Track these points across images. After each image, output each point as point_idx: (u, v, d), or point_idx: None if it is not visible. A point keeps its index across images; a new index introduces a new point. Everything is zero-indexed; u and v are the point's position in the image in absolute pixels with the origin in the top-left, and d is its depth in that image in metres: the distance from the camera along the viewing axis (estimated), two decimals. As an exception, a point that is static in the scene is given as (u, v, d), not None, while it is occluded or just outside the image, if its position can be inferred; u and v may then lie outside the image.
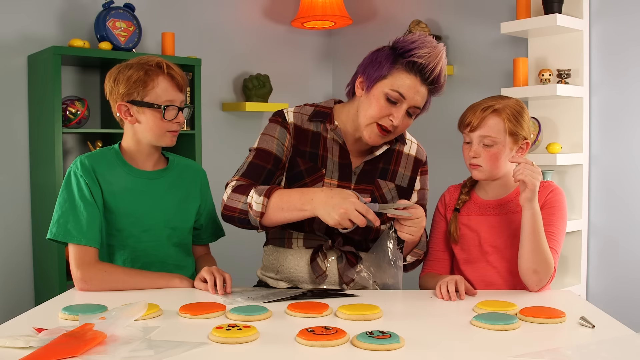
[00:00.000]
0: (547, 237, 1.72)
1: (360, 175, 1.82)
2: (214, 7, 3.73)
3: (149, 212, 1.81)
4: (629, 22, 2.73)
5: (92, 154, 1.82)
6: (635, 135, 2.74)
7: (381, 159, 1.85)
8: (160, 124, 1.78)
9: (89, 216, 1.72)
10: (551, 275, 1.69)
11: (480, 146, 1.76)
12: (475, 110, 1.78)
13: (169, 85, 1.78)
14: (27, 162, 3.12)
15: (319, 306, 1.46)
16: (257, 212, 1.64)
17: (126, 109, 1.78)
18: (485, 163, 1.77)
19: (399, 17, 3.71)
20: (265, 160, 1.77)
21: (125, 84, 1.76)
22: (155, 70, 1.77)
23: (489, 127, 1.75)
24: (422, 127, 3.54)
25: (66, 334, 1.20)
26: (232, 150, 3.69)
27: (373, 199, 1.81)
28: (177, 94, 1.80)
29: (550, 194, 1.79)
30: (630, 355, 1.18)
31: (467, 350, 1.21)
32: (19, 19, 3.06)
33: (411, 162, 1.89)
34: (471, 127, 1.76)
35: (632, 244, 2.75)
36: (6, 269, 3.04)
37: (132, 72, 1.76)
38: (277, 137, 1.80)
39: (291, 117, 1.83)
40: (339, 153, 1.81)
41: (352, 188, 1.80)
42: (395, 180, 1.85)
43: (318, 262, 1.78)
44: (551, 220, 1.76)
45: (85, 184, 1.74)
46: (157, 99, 1.76)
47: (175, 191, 1.87)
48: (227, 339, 1.22)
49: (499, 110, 1.75)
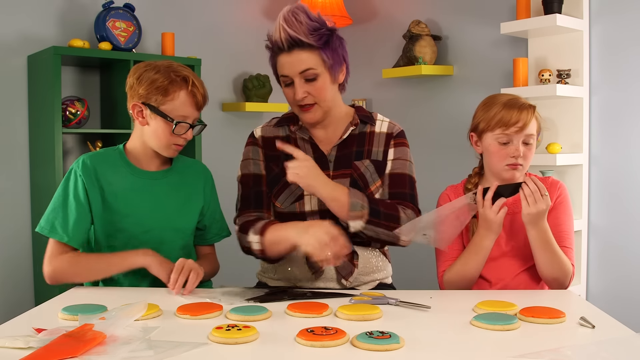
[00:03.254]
0: (561, 237, 1.74)
1: (336, 161, 1.84)
2: (214, 7, 3.74)
3: (150, 213, 1.80)
4: (629, 22, 2.73)
5: (95, 154, 1.83)
6: (635, 135, 2.74)
7: (354, 142, 1.86)
8: (167, 136, 1.77)
9: (77, 216, 1.73)
10: (571, 275, 1.72)
11: (523, 145, 1.74)
12: (517, 108, 1.72)
13: (187, 101, 1.76)
14: (27, 162, 3.12)
15: (319, 306, 1.46)
16: (257, 250, 1.75)
17: (140, 109, 1.77)
18: (525, 162, 1.75)
19: (399, 17, 3.71)
20: (248, 185, 1.88)
21: (147, 86, 1.74)
22: (179, 82, 1.74)
23: (532, 125, 1.73)
24: (422, 127, 3.55)
25: (66, 335, 1.20)
26: (232, 150, 3.67)
27: (352, 180, 1.82)
28: (193, 111, 1.79)
29: (559, 192, 1.80)
30: (630, 355, 1.18)
31: (467, 350, 1.21)
32: (19, 19, 3.06)
33: (383, 138, 1.88)
34: (519, 127, 1.71)
35: (632, 244, 2.75)
36: (6, 269, 3.04)
37: (157, 77, 1.74)
38: (252, 157, 1.90)
39: (259, 132, 1.93)
40: (310, 148, 1.86)
41: (331, 175, 1.82)
42: (370, 157, 1.86)
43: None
44: (562, 219, 1.77)
45: (82, 184, 1.75)
46: (172, 111, 1.75)
47: (178, 192, 1.87)
48: (226, 339, 1.22)
49: (534, 107, 1.74)
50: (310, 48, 1.73)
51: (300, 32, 1.72)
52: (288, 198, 1.83)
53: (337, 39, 1.79)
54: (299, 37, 1.72)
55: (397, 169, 1.85)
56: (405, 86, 3.68)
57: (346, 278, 1.80)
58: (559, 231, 1.75)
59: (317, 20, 1.75)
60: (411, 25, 3.41)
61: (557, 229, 1.75)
